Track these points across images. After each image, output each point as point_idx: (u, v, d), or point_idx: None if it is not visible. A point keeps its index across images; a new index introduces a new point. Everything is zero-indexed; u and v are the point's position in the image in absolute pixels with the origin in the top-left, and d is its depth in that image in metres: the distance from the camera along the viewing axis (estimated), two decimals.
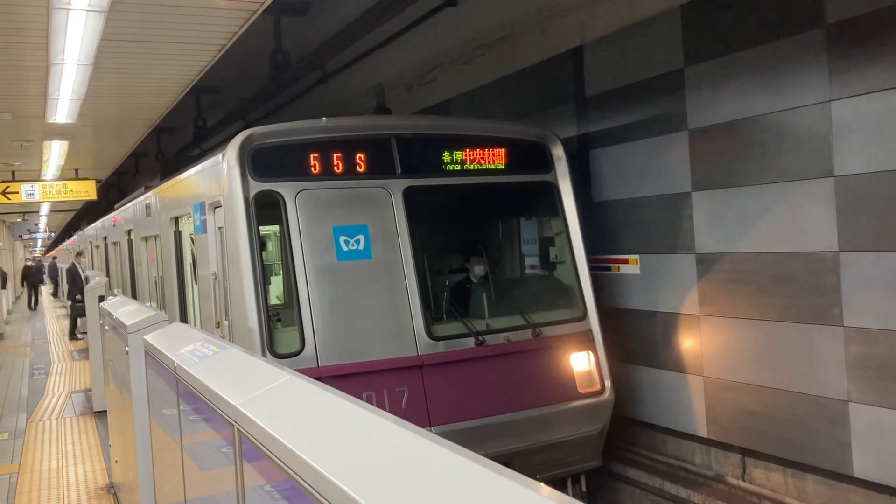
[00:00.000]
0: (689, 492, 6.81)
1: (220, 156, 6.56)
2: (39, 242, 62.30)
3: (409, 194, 6.58)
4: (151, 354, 4.20)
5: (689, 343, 6.98)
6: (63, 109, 9.82)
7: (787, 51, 5.84)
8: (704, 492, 6.72)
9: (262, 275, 6.17)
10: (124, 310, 5.52)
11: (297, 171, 6.31)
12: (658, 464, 7.42)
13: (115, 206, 17.07)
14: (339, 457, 1.72)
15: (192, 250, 8.51)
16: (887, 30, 5.16)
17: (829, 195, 5.60)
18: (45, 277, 43.32)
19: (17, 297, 39.23)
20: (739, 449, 6.66)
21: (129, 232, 13.93)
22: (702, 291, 6.78)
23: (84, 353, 15.36)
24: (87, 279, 14.23)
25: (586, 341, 6.99)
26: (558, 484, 6.80)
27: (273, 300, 7.12)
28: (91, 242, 22.83)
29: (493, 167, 7.05)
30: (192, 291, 8.81)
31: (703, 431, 6.92)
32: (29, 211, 30.63)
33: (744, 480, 6.64)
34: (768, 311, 6.16)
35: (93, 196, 17.14)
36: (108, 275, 17.14)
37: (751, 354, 6.36)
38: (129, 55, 7.85)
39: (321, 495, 1.61)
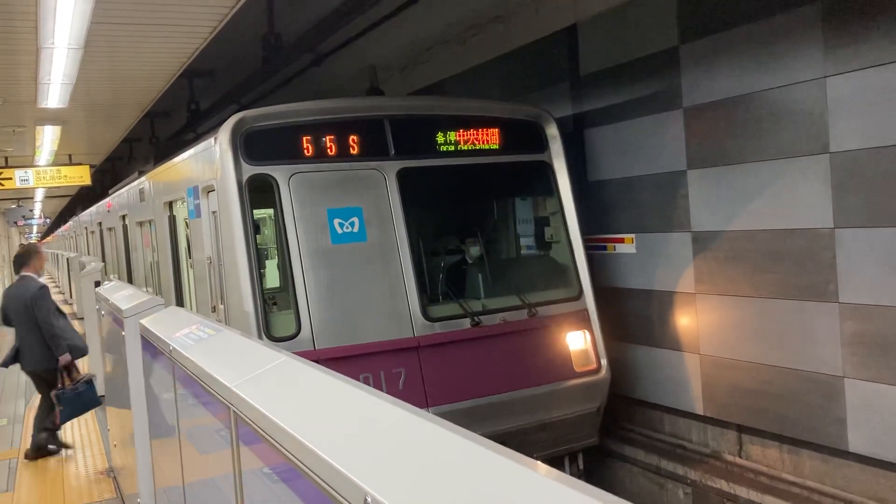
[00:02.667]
0: (687, 469, 6.86)
1: (212, 139, 6.52)
2: (35, 228, 62.15)
3: (402, 176, 6.56)
4: (147, 338, 4.20)
5: (685, 321, 7.00)
6: (55, 94, 9.75)
7: (781, 27, 5.81)
8: (701, 469, 6.77)
9: (257, 258, 6.16)
10: (120, 294, 5.52)
11: (291, 154, 6.28)
12: (655, 441, 7.46)
13: (110, 192, 17.01)
14: (335, 437, 1.72)
15: (186, 235, 8.49)
16: (882, 5, 5.13)
17: (825, 172, 5.59)
18: None
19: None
20: (736, 426, 6.70)
21: (123, 217, 13.89)
22: (697, 270, 6.79)
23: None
24: (82, 265, 14.20)
25: (582, 320, 7.01)
26: (556, 462, 6.84)
27: (268, 284, 7.11)
28: (86, 228, 22.78)
29: (487, 147, 7.03)
30: (187, 276, 8.80)
31: (699, 409, 6.95)
32: (23, 197, 30.52)
33: (740, 457, 6.68)
34: (764, 288, 6.17)
35: (87, 181, 17.08)
36: (103, 260, 17.11)
37: (747, 332, 6.38)
38: (120, 38, 7.79)
39: (316, 475, 1.61)
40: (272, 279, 7.31)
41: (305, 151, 6.31)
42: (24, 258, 7.76)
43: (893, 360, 5.29)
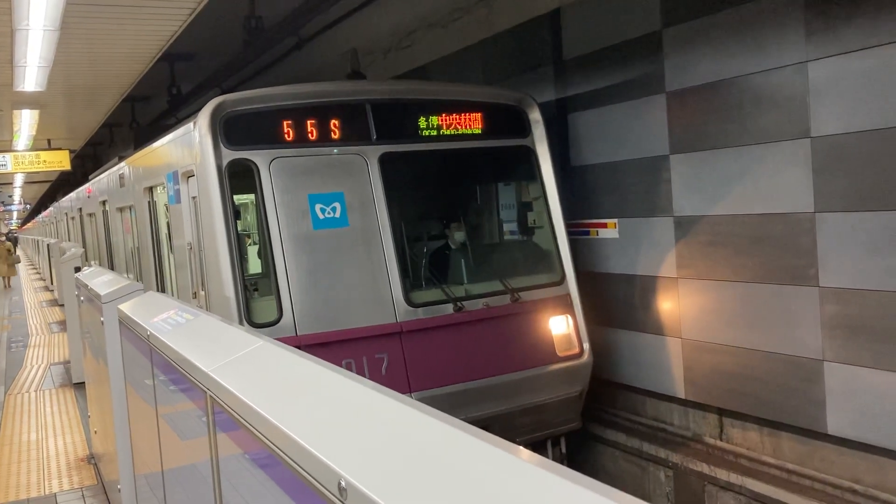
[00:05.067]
0: (668, 452, 6.90)
1: (191, 124, 6.45)
2: (15, 214, 61.54)
3: (385, 161, 6.51)
4: (126, 324, 4.16)
5: (666, 305, 7.02)
6: (31, 77, 9.59)
7: (764, 11, 5.80)
8: (682, 451, 6.82)
9: (238, 244, 6.11)
10: (99, 280, 5.46)
11: (271, 139, 6.22)
12: (637, 425, 7.50)
13: (90, 177, 16.84)
14: (311, 421, 1.70)
15: (166, 220, 8.41)
16: None
17: (806, 156, 5.60)
18: None
19: None
20: (717, 409, 6.74)
21: (104, 203, 13.76)
22: (679, 254, 6.80)
23: (62, 326, 15.24)
24: (62, 251, 14.06)
25: (564, 305, 7.02)
26: (539, 446, 6.86)
27: (250, 270, 7.07)
28: (67, 214, 22.56)
29: (469, 132, 6.99)
30: (168, 262, 8.72)
31: (681, 392, 6.99)
32: (2, 183, 30.18)
33: (721, 440, 6.73)
34: (745, 272, 6.19)
35: (67, 166, 16.89)
36: (84, 246, 16.96)
37: (728, 316, 6.41)
38: (97, 20, 7.66)
39: (291, 459, 1.59)
40: (253, 265, 7.26)
41: (286, 136, 6.24)
42: None
43: (872, 344, 5.33)
